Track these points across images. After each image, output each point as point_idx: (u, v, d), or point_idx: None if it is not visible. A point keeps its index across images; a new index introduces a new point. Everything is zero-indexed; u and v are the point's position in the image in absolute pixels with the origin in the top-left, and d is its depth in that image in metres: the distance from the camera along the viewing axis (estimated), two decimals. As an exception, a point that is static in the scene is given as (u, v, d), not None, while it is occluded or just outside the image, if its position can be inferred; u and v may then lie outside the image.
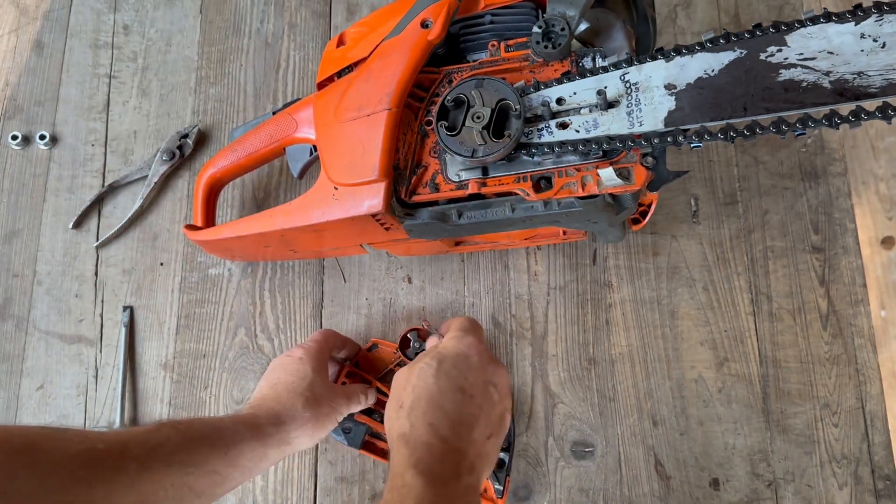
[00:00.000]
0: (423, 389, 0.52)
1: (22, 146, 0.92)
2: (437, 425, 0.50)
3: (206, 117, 0.92)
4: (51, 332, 0.86)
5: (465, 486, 0.49)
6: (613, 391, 0.78)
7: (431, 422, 0.50)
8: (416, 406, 0.52)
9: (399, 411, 0.53)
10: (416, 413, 0.51)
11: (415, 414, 0.51)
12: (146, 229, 0.89)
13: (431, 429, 0.50)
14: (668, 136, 0.55)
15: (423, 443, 0.49)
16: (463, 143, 0.62)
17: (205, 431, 0.55)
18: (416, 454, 0.49)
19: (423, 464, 0.48)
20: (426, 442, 0.49)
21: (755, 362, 0.78)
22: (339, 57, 0.73)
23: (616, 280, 0.81)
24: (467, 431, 0.51)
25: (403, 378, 0.55)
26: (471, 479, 0.50)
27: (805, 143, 0.83)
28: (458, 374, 0.54)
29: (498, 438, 0.54)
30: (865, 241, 0.80)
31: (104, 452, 0.47)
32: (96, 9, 0.98)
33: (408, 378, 0.54)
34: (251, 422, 0.60)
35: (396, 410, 0.53)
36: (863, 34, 0.50)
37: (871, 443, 0.75)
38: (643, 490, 0.75)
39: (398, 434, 0.51)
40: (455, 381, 0.53)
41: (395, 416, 0.53)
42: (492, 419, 0.54)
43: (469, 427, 0.51)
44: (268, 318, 0.84)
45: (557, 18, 0.63)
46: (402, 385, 0.55)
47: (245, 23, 0.95)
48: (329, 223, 0.68)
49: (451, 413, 0.51)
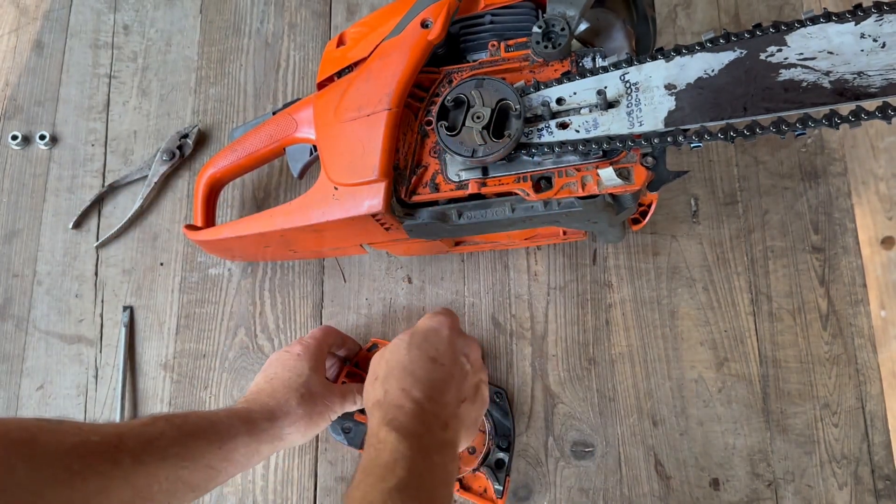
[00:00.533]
0: (395, 361, 0.57)
1: (22, 146, 0.92)
2: (409, 389, 0.54)
3: (206, 117, 0.92)
4: (51, 332, 0.86)
5: (440, 441, 0.52)
6: (613, 391, 0.78)
7: (403, 387, 0.54)
8: (390, 376, 0.56)
9: (374, 383, 0.57)
10: (389, 381, 0.55)
11: (388, 382, 0.55)
12: (146, 229, 0.89)
13: (403, 392, 0.54)
14: (668, 136, 0.55)
15: (396, 405, 0.53)
16: (463, 143, 0.62)
17: (200, 426, 0.55)
18: (389, 414, 0.52)
19: (395, 422, 0.51)
20: (398, 404, 0.53)
21: (755, 362, 0.78)
22: (339, 57, 0.73)
23: (616, 280, 0.81)
24: (439, 395, 0.55)
25: (378, 355, 0.60)
26: (445, 435, 0.53)
27: (805, 143, 0.83)
28: (428, 345, 0.58)
29: (473, 404, 0.58)
30: (865, 241, 0.80)
31: (99, 445, 0.47)
32: (96, 9, 0.98)
33: (381, 354, 0.59)
34: (245, 416, 0.60)
35: (372, 383, 0.58)
36: (863, 34, 0.50)
37: (871, 443, 0.75)
38: (643, 490, 0.75)
39: (373, 402, 0.55)
40: (425, 351, 0.57)
41: (371, 388, 0.57)
42: (464, 387, 0.58)
43: (440, 391, 0.55)
44: (268, 318, 0.84)
45: (557, 18, 0.63)
46: (377, 361, 0.59)
47: (245, 23, 0.96)
48: (329, 223, 0.68)
49: (421, 378, 0.55)
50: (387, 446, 0.49)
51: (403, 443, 0.49)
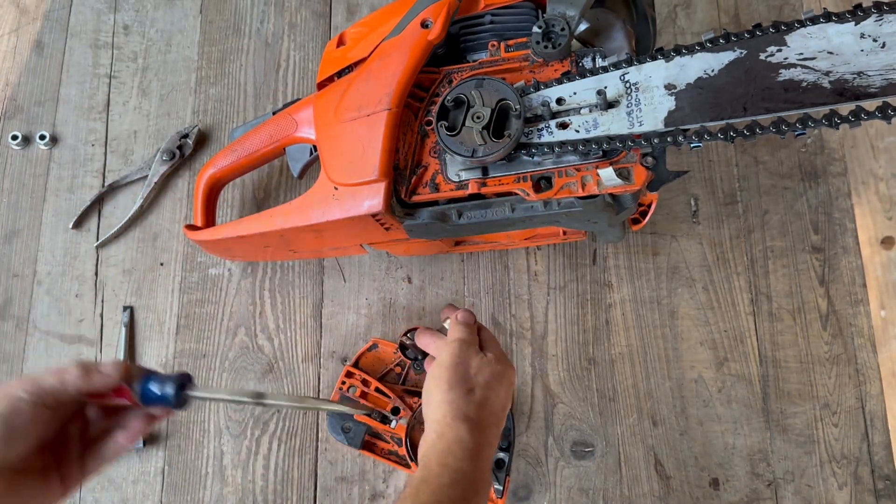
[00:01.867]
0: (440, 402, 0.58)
1: (22, 146, 0.92)
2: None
3: (206, 117, 0.92)
4: (51, 332, 0.86)
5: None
6: (613, 391, 0.78)
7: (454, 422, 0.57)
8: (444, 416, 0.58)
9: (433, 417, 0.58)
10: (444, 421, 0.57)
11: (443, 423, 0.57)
12: (146, 229, 0.89)
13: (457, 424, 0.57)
14: (668, 136, 0.55)
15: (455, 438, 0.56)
16: (463, 143, 0.62)
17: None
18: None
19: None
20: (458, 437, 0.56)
21: (755, 362, 0.78)
22: (339, 57, 0.73)
23: (616, 280, 0.81)
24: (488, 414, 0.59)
25: (427, 397, 0.60)
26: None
27: (805, 143, 0.83)
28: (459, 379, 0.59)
29: (498, 395, 0.60)
30: (865, 241, 0.80)
31: None
32: (96, 9, 0.98)
33: (430, 397, 0.59)
34: None
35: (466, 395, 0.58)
36: (863, 34, 0.50)
37: (871, 443, 0.75)
38: (643, 490, 0.75)
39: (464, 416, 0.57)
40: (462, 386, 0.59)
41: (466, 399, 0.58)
42: (501, 392, 0.60)
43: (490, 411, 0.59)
44: (268, 318, 0.84)
45: (557, 18, 0.63)
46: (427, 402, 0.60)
47: (245, 23, 0.96)
48: (329, 223, 0.68)
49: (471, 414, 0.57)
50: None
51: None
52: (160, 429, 0.81)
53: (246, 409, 0.81)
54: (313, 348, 0.83)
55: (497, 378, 0.58)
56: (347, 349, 0.83)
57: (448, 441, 0.54)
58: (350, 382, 0.77)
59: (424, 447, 0.55)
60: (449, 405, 0.56)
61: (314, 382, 0.82)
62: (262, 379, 0.82)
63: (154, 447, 0.80)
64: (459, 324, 0.62)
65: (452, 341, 0.60)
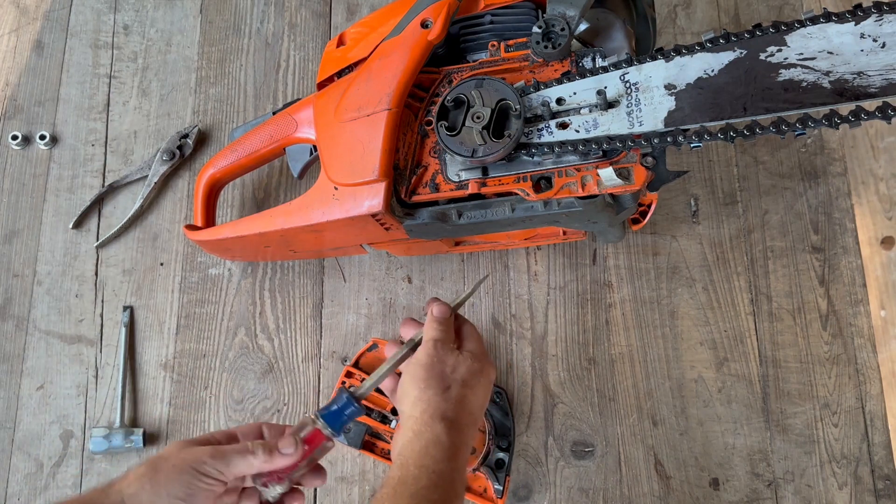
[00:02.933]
0: (417, 398, 0.57)
1: (22, 146, 0.92)
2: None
3: (206, 117, 0.92)
4: (51, 332, 0.86)
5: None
6: (613, 391, 0.78)
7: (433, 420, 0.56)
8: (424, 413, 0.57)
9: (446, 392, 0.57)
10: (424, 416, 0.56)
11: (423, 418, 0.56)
12: (146, 229, 0.89)
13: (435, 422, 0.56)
14: (668, 136, 0.55)
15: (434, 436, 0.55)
16: (463, 143, 0.62)
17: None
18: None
19: None
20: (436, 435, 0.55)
21: (755, 362, 0.78)
22: (339, 57, 0.73)
23: (616, 280, 0.81)
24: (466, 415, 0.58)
25: (402, 393, 0.59)
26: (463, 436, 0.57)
27: (805, 143, 0.83)
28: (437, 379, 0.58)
29: (475, 393, 0.59)
30: (865, 241, 0.80)
31: None
32: (96, 9, 0.98)
33: (406, 393, 0.58)
34: None
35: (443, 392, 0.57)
36: (863, 34, 0.50)
37: (871, 443, 0.75)
38: (643, 490, 0.75)
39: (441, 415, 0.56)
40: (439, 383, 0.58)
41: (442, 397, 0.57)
42: (479, 391, 0.59)
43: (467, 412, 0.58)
44: (268, 318, 0.84)
45: (557, 18, 0.63)
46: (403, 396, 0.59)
47: (245, 23, 0.96)
48: (329, 223, 0.68)
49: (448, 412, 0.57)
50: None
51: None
52: (160, 429, 0.81)
53: (246, 410, 0.81)
54: (313, 348, 0.83)
55: (475, 376, 0.57)
56: (347, 349, 0.83)
57: (426, 441, 0.53)
58: (350, 382, 0.77)
59: (400, 444, 0.54)
60: (426, 403, 0.55)
61: (314, 382, 0.82)
62: (262, 379, 0.82)
63: (155, 447, 0.80)
64: (434, 321, 0.60)
65: (427, 340, 0.59)
